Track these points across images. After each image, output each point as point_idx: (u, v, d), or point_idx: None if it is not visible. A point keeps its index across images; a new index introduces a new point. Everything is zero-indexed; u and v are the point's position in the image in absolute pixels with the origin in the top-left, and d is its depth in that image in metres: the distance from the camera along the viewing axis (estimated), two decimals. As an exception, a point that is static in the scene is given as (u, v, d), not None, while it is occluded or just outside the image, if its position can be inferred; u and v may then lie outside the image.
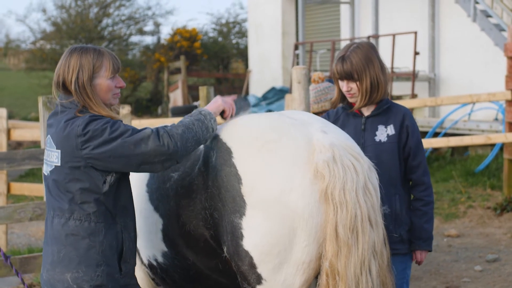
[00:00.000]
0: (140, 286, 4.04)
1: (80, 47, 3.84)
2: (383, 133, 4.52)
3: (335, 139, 3.73)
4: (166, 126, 3.72)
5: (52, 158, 3.74)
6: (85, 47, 3.84)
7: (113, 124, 3.65)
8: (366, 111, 4.58)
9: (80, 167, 3.67)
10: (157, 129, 3.67)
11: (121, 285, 3.80)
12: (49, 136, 3.79)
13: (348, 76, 4.45)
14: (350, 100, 4.57)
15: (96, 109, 3.74)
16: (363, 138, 4.51)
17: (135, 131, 3.66)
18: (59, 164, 3.71)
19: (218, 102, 3.95)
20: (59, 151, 3.70)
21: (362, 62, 4.42)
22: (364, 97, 4.47)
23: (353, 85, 4.48)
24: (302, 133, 3.74)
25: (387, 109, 4.54)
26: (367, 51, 4.46)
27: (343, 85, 4.51)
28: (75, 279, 3.69)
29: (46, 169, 3.82)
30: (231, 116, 4.02)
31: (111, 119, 3.71)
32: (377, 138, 4.50)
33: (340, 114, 4.67)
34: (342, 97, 4.64)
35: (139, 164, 3.67)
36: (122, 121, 3.77)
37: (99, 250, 3.72)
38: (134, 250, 3.92)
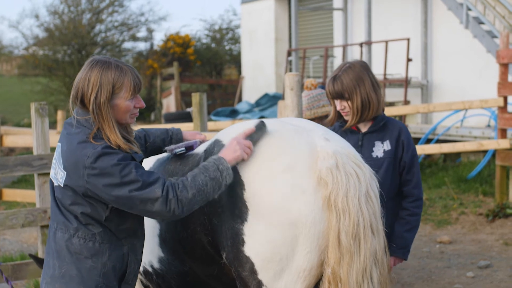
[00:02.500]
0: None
1: (103, 61, 3.67)
2: (380, 149, 4.67)
3: (338, 147, 3.74)
4: (177, 186, 3.55)
5: (58, 175, 3.67)
6: (108, 61, 3.66)
7: (124, 167, 3.51)
8: (363, 128, 4.74)
9: (82, 194, 3.60)
10: (167, 192, 3.52)
11: None
12: (60, 146, 3.71)
13: (339, 96, 4.64)
14: (345, 118, 4.74)
15: (108, 133, 3.60)
16: (360, 154, 4.57)
17: (144, 184, 3.51)
18: (62, 186, 3.64)
19: (237, 153, 3.67)
20: (65, 173, 3.61)
21: (353, 82, 4.59)
22: (355, 115, 4.64)
23: (346, 104, 4.66)
24: (305, 140, 3.74)
25: (383, 125, 4.70)
26: (358, 71, 4.62)
27: (337, 104, 4.69)
28: None
29: (53, 178, 3.75)
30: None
31: (124, 155, 3.58)
32: (374, 154, 4.65)
33: (337, 130, 4.79)
34: (338, 115, 4.81)
35: (140, 214, 3.63)
36: (134, 155, 3.68)
37: (100, 272, 3.67)
38: (137, 272, 3.89)
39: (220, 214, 3.76)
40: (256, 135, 3.77)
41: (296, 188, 3.60)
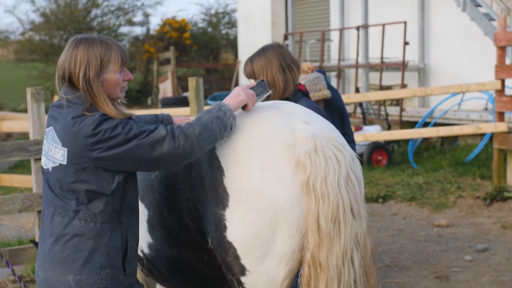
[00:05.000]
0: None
1: (86, 38, 3.66)
2: None
3: (318, 130, 3.71)
4: (182, 126, 3.57)
5: (57, 155, 3.61)
6: (91, 38, 3.66)
7: (125, 124, 3.51)
8: None
9: (88, 168, 3.55)
10: (172, 130, 3.53)
11: (124, 286, 3.72)
12: (51, 128, 3.65)
13: (250, 77, 4.98)
14: None
15: (102, 107, 3.58)
16: None
17: (149, 131, 3.52)
18: (64, 163, 3.58)
19: (241, 97, 3.74)
20: (66, 149, 3.56)
21: (261, 64, 4.95)
22: None
23: None
24: (284, 124, 3.72)
25: None
26: (269, 55, 4.96)
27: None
28: (78, 281, 3.61)
29: (46, 164, 3.69)
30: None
31: (121, 119, 3.57)
32: None
33: None
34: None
35: (152, 165, 3.59)
36: (131, 118, 3.66)
37: (103, 252, 3.63)
38: (136, 249, 3.87)
39: (204, 199, 3.77)
40: (257, 89, 3.90)
41: (273, 173, 3.59)
